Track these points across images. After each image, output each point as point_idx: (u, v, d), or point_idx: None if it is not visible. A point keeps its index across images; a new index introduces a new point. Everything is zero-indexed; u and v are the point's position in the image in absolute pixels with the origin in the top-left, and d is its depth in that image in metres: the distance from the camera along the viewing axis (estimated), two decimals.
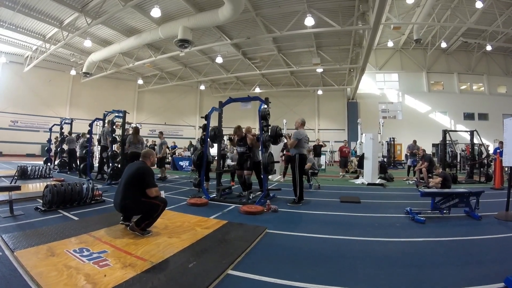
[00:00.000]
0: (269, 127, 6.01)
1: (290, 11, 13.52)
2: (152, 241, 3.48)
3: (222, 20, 12.54)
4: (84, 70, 19.96)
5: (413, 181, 10.24)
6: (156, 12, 12.69)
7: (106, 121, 9.81)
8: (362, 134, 11.15)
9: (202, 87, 27.51)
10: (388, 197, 7.33)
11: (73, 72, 22.19)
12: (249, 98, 6.89)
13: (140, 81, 25.54)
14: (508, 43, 21.69)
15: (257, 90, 25.23)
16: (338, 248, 3.55)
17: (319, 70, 20.84)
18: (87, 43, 16.40)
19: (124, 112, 8.97)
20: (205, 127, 6.65)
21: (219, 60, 19.53)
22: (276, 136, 5.98)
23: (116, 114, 9.35)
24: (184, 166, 13.94)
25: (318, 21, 13.46)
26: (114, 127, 9.17)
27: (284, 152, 10.13)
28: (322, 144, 14.30)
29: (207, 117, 6.63)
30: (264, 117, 5.96)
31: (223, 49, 18.78)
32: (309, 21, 13.05)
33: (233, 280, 2.60)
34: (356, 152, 13.51)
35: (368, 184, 9.60)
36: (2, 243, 3.24)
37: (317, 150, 13.42)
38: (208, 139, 6.67)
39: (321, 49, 18.75)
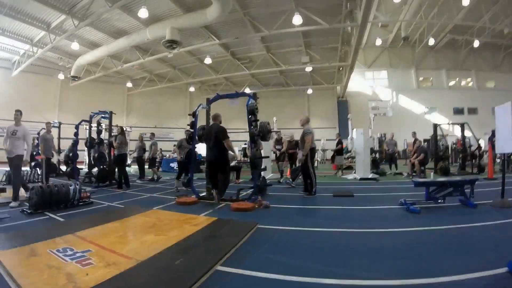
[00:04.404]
0: (258, 122, 5.90)
1: (278, 10, 13.49)
2: (138, 239, 3.38)
3: (210, 20, 12.48)
4: (72, 74, 19.63)
5: (406, 174, 10.37)
6: (143, 13, 12.45)
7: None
8: (353, 129, 11.10)
9: (192, 89, 27.34)
10: (382, 190, 7.30)
11: (61, 76, 21.74)
12: (237, 94, 6.85)
13: (129, 84, 25.20)
14: (495, 38, 22.05)
15: (247, 90, 25.06)
16: (331, 240, 3.46)
17: (308, 69, 20.89)
18: (75, 46, 16.10)
19: (111, 113, 8.78)
20: (192, 125, 6.51)
21: (208, 60, 19.42)
22: (265, 132, 5.87)
23: (102, 116, 9.14)
24: (174, 167, 13.77)
25: (306, 20, 13.47)
26: (99, 127, 8.97)
27: (285, 150, 9.68)
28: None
29: (194, 115, 6.48)
30: (252, 111, 5.82)
31: (212, 50, 18.68)
32: (297, 19, 13.04)
33: (222, 275, 2.50)
34: (347, 148, 13.28)
35: (361, 179, 9.57)
36: None
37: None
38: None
39: (309, 48, 18.82)
